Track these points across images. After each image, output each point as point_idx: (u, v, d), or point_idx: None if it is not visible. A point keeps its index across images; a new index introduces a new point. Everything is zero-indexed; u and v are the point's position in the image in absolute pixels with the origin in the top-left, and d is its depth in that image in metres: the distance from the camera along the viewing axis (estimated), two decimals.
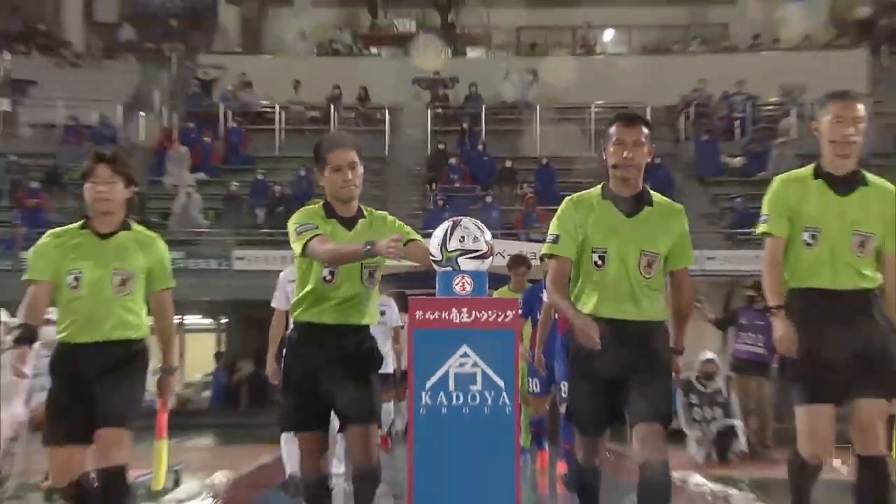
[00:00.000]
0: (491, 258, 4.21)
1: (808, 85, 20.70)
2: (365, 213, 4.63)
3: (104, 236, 4.70)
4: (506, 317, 4.34)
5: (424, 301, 4.40)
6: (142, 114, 21.31)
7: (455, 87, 23.14)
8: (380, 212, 4.70)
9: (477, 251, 4.11)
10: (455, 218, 4.19)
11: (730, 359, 11.35)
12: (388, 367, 9.38)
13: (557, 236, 4.39)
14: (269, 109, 22.10)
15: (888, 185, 4.42)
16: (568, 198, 4.49)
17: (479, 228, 4.18)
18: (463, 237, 4.08)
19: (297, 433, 4.55)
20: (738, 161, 20.12)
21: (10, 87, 22.31)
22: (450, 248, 4.09)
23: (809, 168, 4.53)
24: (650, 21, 25.76)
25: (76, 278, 4.57)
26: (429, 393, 4.27)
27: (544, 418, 8.93)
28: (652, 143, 4.36)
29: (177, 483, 8.74)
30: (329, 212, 4.54)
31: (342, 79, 22.82)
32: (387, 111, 22.10)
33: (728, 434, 10.00)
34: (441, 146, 20.94)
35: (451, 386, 4.27)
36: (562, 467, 8.25)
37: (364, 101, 22.73)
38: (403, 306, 8.95)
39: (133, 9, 27.36)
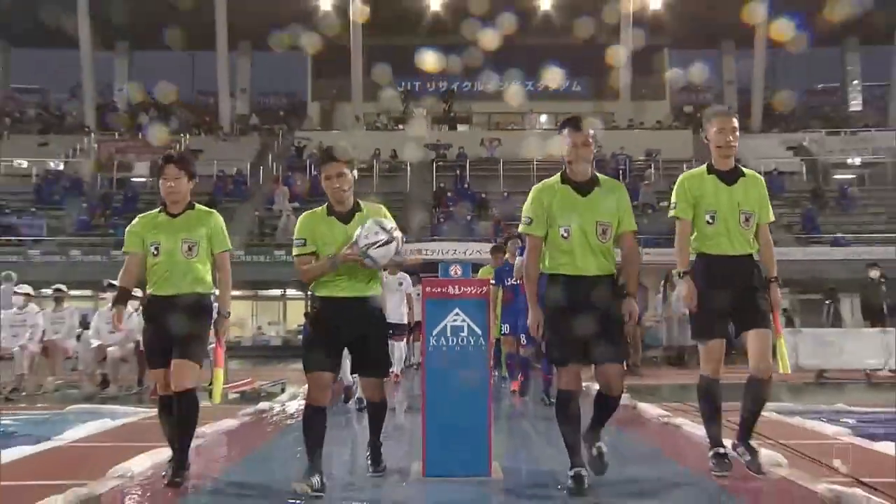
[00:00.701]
0: (396, 242, 4.45)
1: (661, 150, 27.83)
2: (362, 207, 4.70)
3: (175, 216, 4.87)
4: (481, 291, 4.96)
5: (433, 280, 5.01)
6: (261, 168, 27.64)
7: (450, 149, 29.38)
8: (376, 205, 4.76)
9: (378, 241, 4.34)
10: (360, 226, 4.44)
11: None
12: (403, 319, 10.84)
13: (531, 219, 4.52)
14: None
15: (758, 175, 4.92)
16: (535, 186, 4.61)
17: (377, 224, 4.44)
18: (366, 235, 4.34)
19: (310, 371, 4.54)
20: None
21: (188, 154, 28.89)
22: (362, 247, 4.35)
23: (702, 167, 4.90)
24: (568, 110, 28.86)
25: (156, 248, 4.78)
26: (435, 337, 4.85)
27: (514, 354, 9.58)
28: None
29: (283, 390, 10.08)
30: (329, 210, 4.68)
31: (381, 145, 28.93)
32: (408, 164, 27.94)
33: None
34: (442, 185, 27.04)
35: (449, 333, 4.84)
36: (514, 385, 9.62)
37: (394, 158, 28.79)
38: (417, 281, 10.76)
39: (258, 106, 35.30)
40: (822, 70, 34.63)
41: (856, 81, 35.49)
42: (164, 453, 4.85)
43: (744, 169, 4.85)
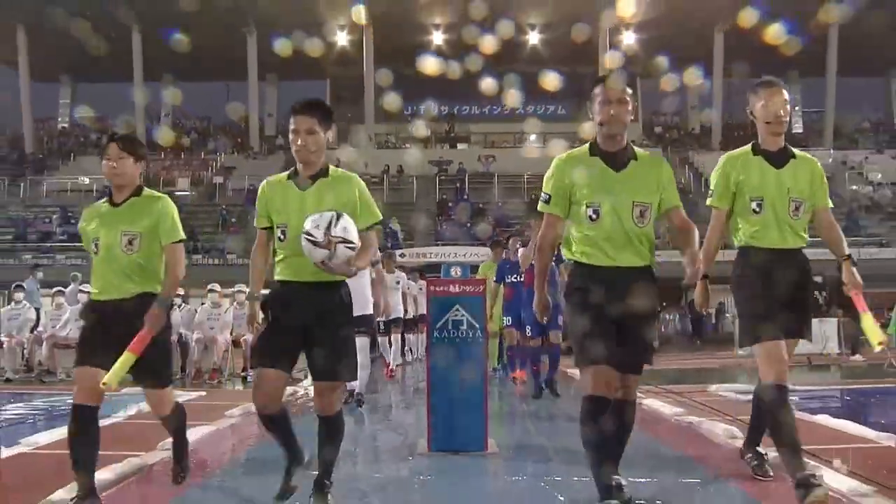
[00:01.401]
0: (329, 251, 3.14)
1: None
2: (330, 173, 3.40)
3: (117, 205, 3.67)
4: (478, 289, 4.91)
5: (436, 280, 5.07)
6: None
7: (451, 165, 29.63)
8: (349, 174, 3.44)
9: (353, 244, 3.17)
10: (337, 211, 3.21)
11: None
12: (401, 313, 10.34)
13: (550, 197, 3.33)
14: None
15: (810, 156, 3.75)
16: (557, 157, 3.39)
17: (353, 226, 3.24)
18: (346, 228, 3.17)
19: (260, 369, 3.32)
20: None
21: (224, 170, 29.87)
22: (334, 234, 3.13)
23: (747, 147, 3.75)
24: (554, 130, 31.04)
25: (96, 244, 3.62)
26: (438, 330, 4.82)
27: (514, 346, 8.72)
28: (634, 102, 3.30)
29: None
30: (292, 174, 3.43)
31: (390, 161, 29.22)
32: (414, 178, 28.32)
33: None
34: (444, 196, 27.48)
35: (450, 326, 4.79)
36: (520, 374, 8.58)
37: (401, 173, 29.02)
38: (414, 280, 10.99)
39: (283, 128, 34.15)
40: None
41: (797, 108, 35.95)
42: (203, 430, 4.77)
43: (795, 150, 3.69)
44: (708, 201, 3.73)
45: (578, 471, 3.74)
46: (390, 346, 10.03)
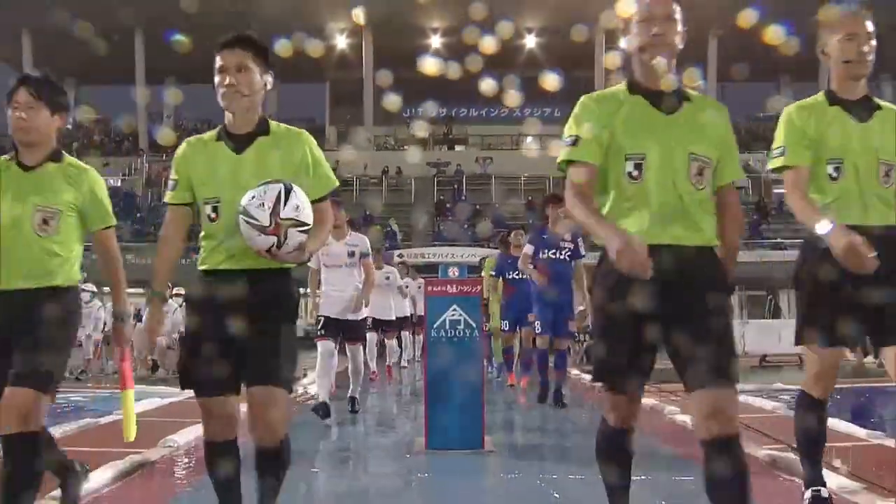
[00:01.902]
0: (275, 238, 2.40)
1: None
2: (272, 129, 2.59)
3: (29, 169, 2.77)
4: (475, 290, 4.89)
5: (434, 280, 5.04)
6: None
7: (449, 166, 29.33)
8: (296, 129, 2.64)
9: (306, 225, 2.44)
10: (286, 183, 2.44)
11: None
12: (391, 314, 9.24)
13: (576, 138, 2.27)
14: (349, 178, 26.82)
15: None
16: (585, 95, 2.39)
17: (307, 200, 2.48)
18: (298, 206, 2.42)
19: (198, 397, 2.54)
20: None
21: None
22: (283, 216, 2.38)
23: (819, 95, 2.93)
24: (550, 132, 30.18)
25: None
26: (436, 330, 4.78)
27: (511, 348, 8.53)
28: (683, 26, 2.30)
29: (305, 374, 8.60)
30: (220, 132, 2.58)
31: (389, 163, 28.79)
32: (412, 180, 27.98)
33: None
34: (441, 197, 27.19)
35: (447, 326, 4.76)
36: (524, 381, 8.23)
37: (400, 174, 28.51)
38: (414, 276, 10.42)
39: None
40: (762, 101, 35.56)
41: None
42: (202, 429, 4.65)
43: (879, 101, 2.84)
44: (773, 163, 2.86)
45: (574, 469, 3.75)
46: (377, 348, 9.35)
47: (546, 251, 6.55)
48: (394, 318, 9.35)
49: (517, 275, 7.41)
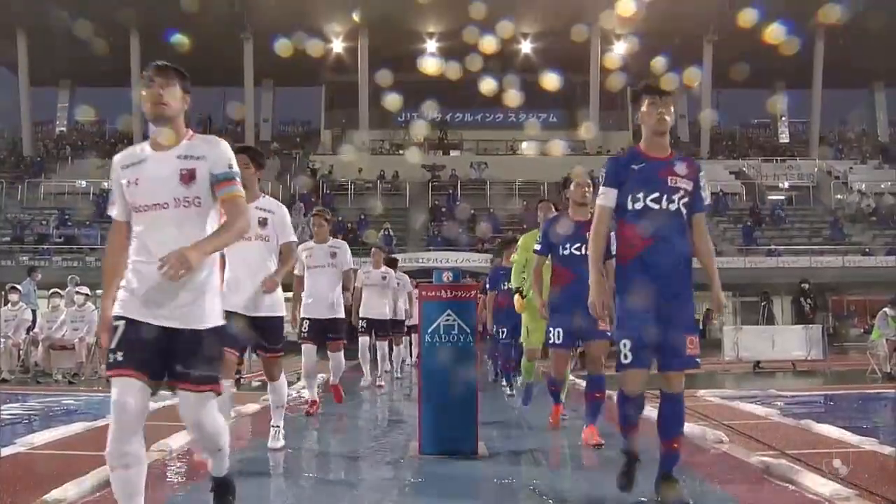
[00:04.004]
0: None
1: None
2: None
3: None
4: (470, 295, 4.94)
5: (428, 286, 4.99)
6: (280, 186, 27.69)
7: (443, 171, 29.77)
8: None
9: None
10: None
11: None
12: (385, 315, 9.04)
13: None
14: (343, 181, 28.40)
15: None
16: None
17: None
18: None
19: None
20: None
21: None
22: None
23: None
24: (546, 138, 31.28)
25: None
26: (430, 335, 4.78)
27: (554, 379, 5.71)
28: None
29: (298, 378, 8.53)
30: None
31: (384, 167, 29.25)
32: (407, 184, 28.33)
33: None
34: (436, 202, 27.53)
35: (442, 331, 4.77)
36: (556, 410, 5.87)
37: (395, 178, 29.05)
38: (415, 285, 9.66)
39: (278, 133, 35.75)
40: (757, 108, 35.70)
41: (783, 118, 36.81)
42: None
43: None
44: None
45: (567, 474, 3.75)
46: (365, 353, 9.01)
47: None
48: (388, 318, 9.18)
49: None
